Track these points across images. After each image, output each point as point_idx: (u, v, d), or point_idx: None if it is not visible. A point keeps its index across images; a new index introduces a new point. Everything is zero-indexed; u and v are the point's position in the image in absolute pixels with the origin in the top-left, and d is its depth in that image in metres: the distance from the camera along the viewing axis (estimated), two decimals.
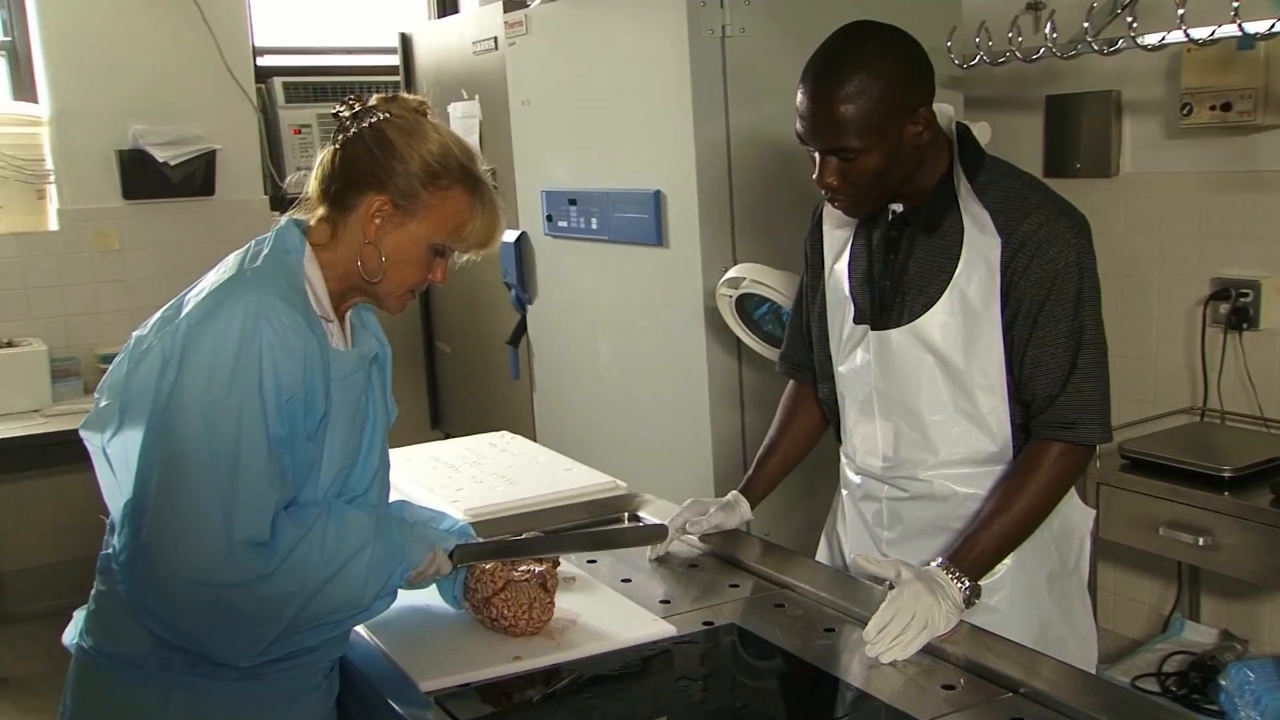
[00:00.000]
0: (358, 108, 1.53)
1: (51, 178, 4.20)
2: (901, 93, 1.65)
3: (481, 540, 1.70)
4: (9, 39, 4.22)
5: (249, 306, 1.40)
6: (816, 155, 1.70)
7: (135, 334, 1.50)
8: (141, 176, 4.27)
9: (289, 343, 1.40)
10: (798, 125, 1.70)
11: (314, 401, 1.45)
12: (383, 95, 1.55)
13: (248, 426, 1.37)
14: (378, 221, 1.50)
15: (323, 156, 1.55)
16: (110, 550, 1.47)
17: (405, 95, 1.56)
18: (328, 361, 1.47)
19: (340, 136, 1.53)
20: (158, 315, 1.49)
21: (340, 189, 1.52)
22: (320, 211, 1.54)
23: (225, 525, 1.36)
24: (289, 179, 1.56)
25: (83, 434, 1.52)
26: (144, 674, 1.46)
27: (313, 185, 1.55)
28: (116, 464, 1.47)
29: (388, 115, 1.51)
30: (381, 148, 1.50)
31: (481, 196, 1.54)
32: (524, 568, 1.65)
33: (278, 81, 4.62)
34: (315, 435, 1.47)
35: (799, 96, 1.69)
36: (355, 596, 1.46)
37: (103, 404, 1.49)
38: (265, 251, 1.50)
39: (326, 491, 1.51)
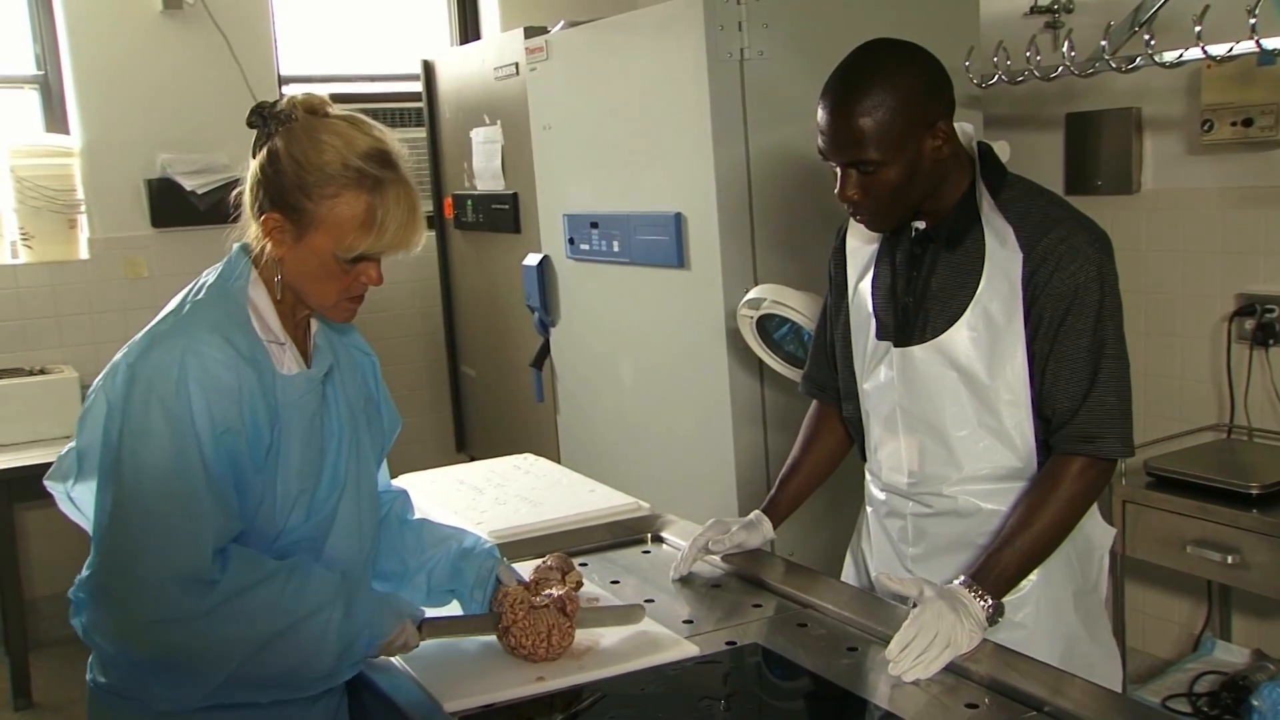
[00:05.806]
0: (266, 114, 1.44)
1: (82, 207, 4.27)
2: (920, 106, 1.66)
3: (448, 617, 1.69)
4: (42, 73, 4.30)
5: (179, 344, 1.39)
6: (838, 170, 1.72)
7: (97, 380, 1.49)
8: (170, 205, 4.33)
9: (219, 377, 1.38)
10: (819, 141, 1.72)
11: (257, 433, 1.42)
12: (291, 98, 1.45)
13: (182, 463, 1.36)
14: (276, 238, 1.44)
15: (247, 176, 1.49)
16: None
17: (302, 96, 1.45)
18: (271, 390, 1.44)
19: (255, 151, 1.47)
20: (114, 358, 1.46)
21: (253, 207, 1.47)
22: (253, 231, 1.50)
23: (159, 561, 1.35)
24: (232, 199, 1.52)
25: (48, 484, 1.54)
26: (140, 707, 1.46)
27: (245, 208, 1.50)
28: (84, 509, 1.49)
29: (291, 119, 1.42)
30: (271, 161, 1.42)
31: (383, 195, 1.41)
32: (545, 592, 1.66)
33: None
34: (264, 467, 1.44)
35: (819, 112, 1.70)
36: (311, 656, 1.43)
37: (63, 452, 1.50)
38: (209, 282, 1.48)
39: (290, 517, 1.48)
